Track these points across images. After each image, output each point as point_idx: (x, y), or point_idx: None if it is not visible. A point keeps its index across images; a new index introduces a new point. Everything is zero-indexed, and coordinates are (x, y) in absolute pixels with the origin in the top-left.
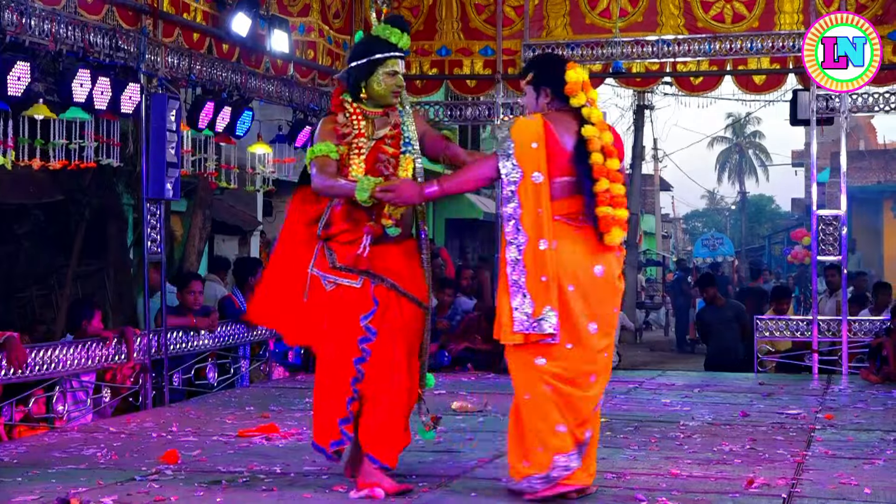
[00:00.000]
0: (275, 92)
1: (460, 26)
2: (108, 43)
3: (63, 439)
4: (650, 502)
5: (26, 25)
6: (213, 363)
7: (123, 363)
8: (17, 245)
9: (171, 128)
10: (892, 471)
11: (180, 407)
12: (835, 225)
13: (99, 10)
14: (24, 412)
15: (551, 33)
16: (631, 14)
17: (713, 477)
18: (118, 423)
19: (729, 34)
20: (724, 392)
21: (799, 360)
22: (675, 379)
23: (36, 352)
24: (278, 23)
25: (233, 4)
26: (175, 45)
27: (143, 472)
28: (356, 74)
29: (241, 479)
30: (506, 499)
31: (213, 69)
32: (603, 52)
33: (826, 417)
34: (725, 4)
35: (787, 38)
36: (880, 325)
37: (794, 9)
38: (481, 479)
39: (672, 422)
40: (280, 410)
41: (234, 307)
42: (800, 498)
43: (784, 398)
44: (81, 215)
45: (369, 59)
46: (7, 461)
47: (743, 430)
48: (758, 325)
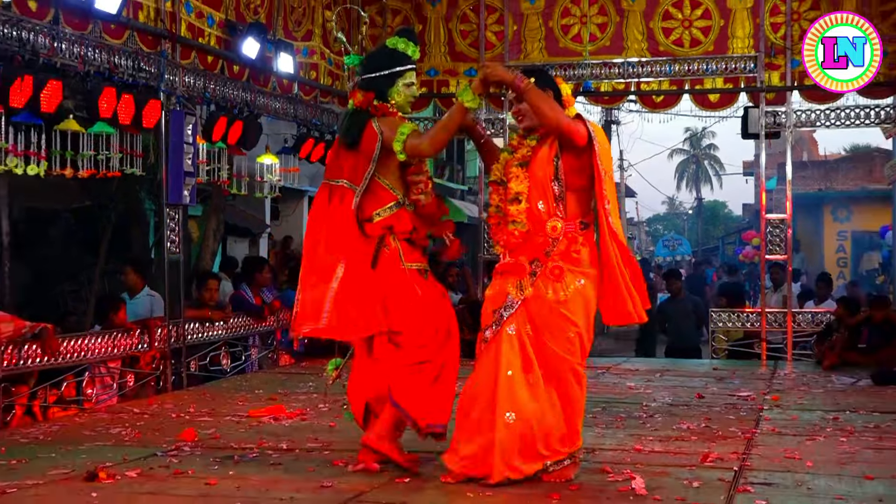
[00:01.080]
0: (281, 108)
1: (447, 50)
2: (131, 64)
3: (92, 419)
4: (617, 474)
5: (58, 49)
6: (226, 351)
7: (146, 351)
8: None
9: (188, 140)
10: (831, 446)
11: (197, 390)
12: (781, 227)
13: (122, 34)
14: (57, 395)
15: (528, 56)
16: (599, 39)
17: (672, 452)
18: (141, 404)
19: (687, 57)
20: (682, 376)
21: (749, 348)
22: (638, 365)
23: (67, 341)
24: (284, 46)
25: (243, 30)
26: (191, 66)
27: (163, 449)
28: (384, 84)
29: (252, 454)
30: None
31: (226, 88)
32: (574, 73)
33: (773, 399)
34: (684, 30)
35: (739, 61)
36: (822, 316)
37: (745, 34)
38: None
39: (636, 403)
40: (286, 393)
41: (245, 301)
42: (749, 470)
43: (736, 382)
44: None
45: (392, 70)
46: (42, 439)
47: (699, 410)
48: (713, 317)
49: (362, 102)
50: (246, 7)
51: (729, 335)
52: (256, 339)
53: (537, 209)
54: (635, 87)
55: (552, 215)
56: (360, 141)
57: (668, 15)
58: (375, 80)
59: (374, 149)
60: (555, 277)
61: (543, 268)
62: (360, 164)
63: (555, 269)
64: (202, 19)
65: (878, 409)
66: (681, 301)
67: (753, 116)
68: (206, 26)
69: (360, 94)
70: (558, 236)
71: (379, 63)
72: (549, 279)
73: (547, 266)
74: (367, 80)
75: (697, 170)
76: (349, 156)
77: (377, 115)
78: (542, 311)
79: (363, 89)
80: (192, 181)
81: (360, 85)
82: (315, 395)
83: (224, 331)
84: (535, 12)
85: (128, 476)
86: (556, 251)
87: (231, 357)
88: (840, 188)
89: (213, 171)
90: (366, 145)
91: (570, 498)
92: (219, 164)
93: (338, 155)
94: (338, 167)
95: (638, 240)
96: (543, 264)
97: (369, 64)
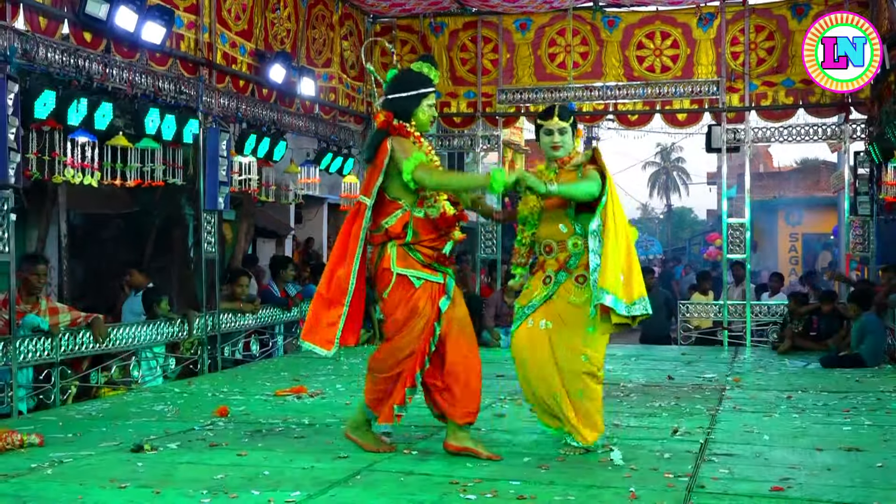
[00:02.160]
0: (304, 126)
1: (449, 75)
2: (173, 88)
3: (138, 398)
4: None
5: (109, 74)
6: (255, 338)
7: (185, 338)
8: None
9: (223, 154)
10: (785, 421)
11: (230, 373)
12: (741, 230)
13: (166, 62)
14: (107, 377)
15: (520, 81)
16: (582, 66)
17: (646, 427)
18: (181, 385)
19: (658, 81)
20: (654, 360)
21: (713, 336)
22: (616, 350)
23: (117, 329)
24: (307, 72)
25: (271, 58)
26: (226, 89)
27: (200, 423)
28: (408, 104)
29: (278, 428)
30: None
31: (256, 108)
32: (560, 96)
33: (734, 380)
34: (655, 58)
35: (704, 85)
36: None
37: (708, 61)
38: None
39: (614, 384)
40: (308, 375)
41: (272, 295)
42: (713, 442)
43: (701, 365)
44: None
45: (418, 91)
46: (94, 415)
47: (669, 390)
48: (681, 309)
49: (383, 123)
50: (273, 38)
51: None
52: (282, 328)
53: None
54: (613, 108)
55: (573, 232)
56: (375, 157)
57: (642, 45)
58: (400, 101)
59: (384, 162)
60: (579, 284)
61: (568, 276)
62: (374, 178)
63: (579, 277)
64: (235, 49)
65: (826, 389)
66: (653, 295)
67: (716, 133)
68: (238, 55)
69: (382, 115)
70: (580, 251)
71: (405, 85)
72: (571, 285)
73: (573, 274)
74: (391, 100)
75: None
76: (369, 171)
77: (393, 135)
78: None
79: (385, 109)
80: (226, 189)
81: (384, 105)
82: (333, 376)
83: (253, 320)
84: (525, 42)
85: (169, 448)
86: (580, 263)
87: (260, 343)
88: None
89: (245, 181)
90: (379, 160)
91: (557, 468)
92: (249, 174)
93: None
94: (364, 184)
95: None
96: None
97: (395, 86)
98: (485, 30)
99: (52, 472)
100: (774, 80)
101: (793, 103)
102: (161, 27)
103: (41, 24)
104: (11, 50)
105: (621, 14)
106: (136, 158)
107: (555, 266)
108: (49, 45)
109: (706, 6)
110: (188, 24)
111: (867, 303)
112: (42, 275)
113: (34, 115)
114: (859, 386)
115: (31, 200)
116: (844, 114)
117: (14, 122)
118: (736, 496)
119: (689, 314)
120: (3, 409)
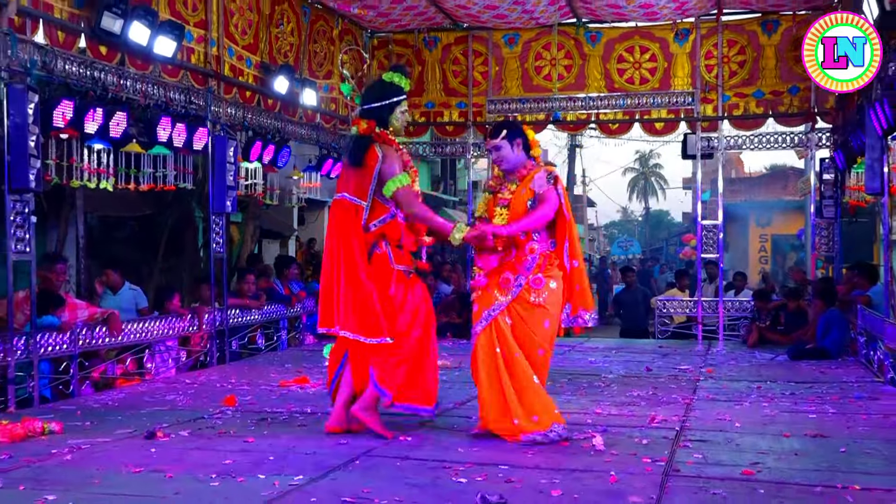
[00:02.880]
0: (306, 134)
1: (442, 86)
2: (184, 98)
3: (151, 388)
4: (580, 433)
5: (123, 85)
6: (261, 332)
7: (196, 332)
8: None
9: (230, 160)
10: (755, 410)
11: (237, 365)
12: (714, 232)
13: (177, 74)
14: (122, 369)
15: (508, 92)
16: (566, 78)
17: (626, 415)
18: (192, 376)
19: (637, 93)
20: (633, 353)
21: (688, 330)
22: (598, 344)
23: (131, 324)
24: (308, 84)
25: (275, 70)
26: (233, 100)
27: (210, 412)
28: (383, 112)
29: (282, 417)
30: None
31: (261, 118)
32: (545, 106)
33: (707, 371)
34: (635, 71)
35: (680, 96)
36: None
37: (684, 74)
38: (457, 416)
39: (596, 374)
40: (310, 367)
41: (277, 292)
42: (688, 430)
43: (677, 357)
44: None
45: (391, 100)
46: (110, 404)
47: (647, 380)
48: (658, 305)
49: (366, 130)
50: (277, 51)
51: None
52: (286, 323)
53: (518, 238)
54: (595, 117)
55: (530, 240)
56: (363, 161)
57: (622, 58)
58: (377, 110)
59: (375, 168)
60: (536, 285)
61: (527, 280)
62: (365, 181)
63: (536, 279)
64: (242, 61)
65: (792, 379)
66: (633, 291)
67: (691, 141)
68: (245, 67)
69: (364, 123)
70: (535, 255)
71: (378, 95)
72: (531, 287)
73: (529, 278)
74: (368, 109)
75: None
76: (353, 174)
77: (378, 141)
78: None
79: (365, 118)
80: (234, 193)
81: (362, 114)
82: None
83: (259, 316)
84: (513, 56)
85: (180, 435)
86: (535, 266)
87: (265, 337)
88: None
89: (251, 186)
90: (370, 165)
91: (544, 453)
92: (255, 179)
93: (345, 174)
94: (343, 183)
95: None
96: (526, 277)
97: (370, 96)
98: (475, 44)
99: (71, 457)
100: (746, 91)
101: (763, 113)
102: (172, 41)
103: (59, 38)
104: (32, 62)
105: (603, 29)
106: (148, 164)
107: (514, 269)
108: (67, 58)
109: (682, 22)
110: (198, 38)
111: (831, 299)
112: (61, 273)
113: (53, 123)
114: (824, 377)
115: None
116: (811, 123)
117: (34, 131)
118: (709, 480)
119: (665, 309)
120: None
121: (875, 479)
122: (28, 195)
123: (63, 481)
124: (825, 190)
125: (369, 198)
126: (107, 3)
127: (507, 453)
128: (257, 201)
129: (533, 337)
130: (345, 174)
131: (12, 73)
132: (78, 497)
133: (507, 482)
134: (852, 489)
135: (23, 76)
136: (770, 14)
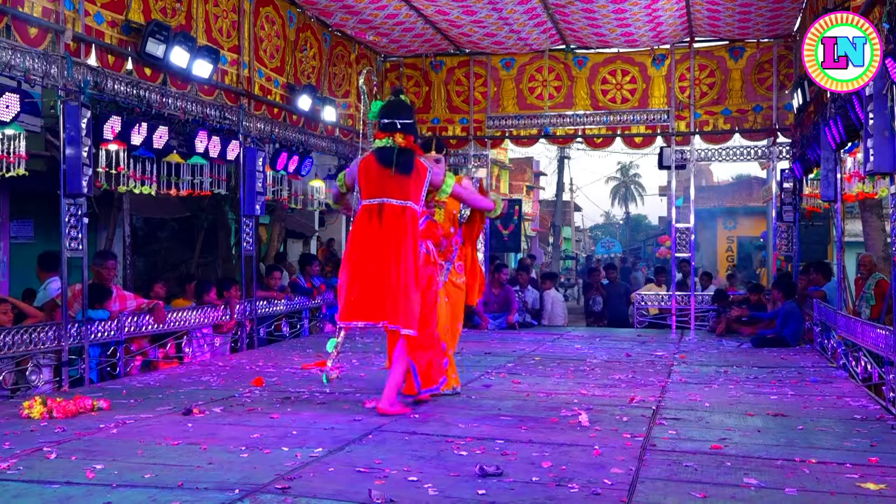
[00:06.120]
0: (327, 147)
1: (446, 104)
2: (218, 114)
3: (188, 370)
4: (568, 411)
5: (165, 103)
6: (286, 321)
7: (228, 321)
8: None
9: (259, 169)
10: (722, 392)
11: (264, 350)
12: (686, 234)
13: (212, 93)
14: (163, 353)
15: (504, 109)
16: (556, 97)
17: (608, 395)
18: (224, 360)
19: (619, 110)
20: (615, 340)
21: (663, 320)
22: (583, 332)
23: (172, 313)
24: (329, 102)
25: (299, 90)
26: (262, 115)
27: (240, 392)
28: (415, 128)
29: (304, 396)
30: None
31: (287, 131)
32: (538, 122)
33: (681, 357)
34: (617, 91)
35: (657, 114)
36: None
37: (661, 94)
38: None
39: (581, 359)
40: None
41: (300, 286)
42: (664, 409)
43: (653, 345)
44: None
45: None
46: (152, 384)
47: (627, 365)
48: (636, 298)
49: (412, 144)
50: (301, 73)
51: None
52: (308, 313)
53: (449, 231)
54: (581, 132)
55: (455, 234)
56: (412, 170)
57: (606, 80)
58: (411, 126)
59: (425, 179)
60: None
61: (452, 265)
62: (412, 188)
63: (458, 266)
64: (270, 82)
65: (756, 364)
66: (616, 286)
67: (666, 153)
68: (272, 87)
69: (401, 137)
70: (458, 247)
71: (409, 113)
72: (456, 272)
73: (455, 263)
74: (405, 125)
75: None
76: (396, 180)
77: (420, 155)
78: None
79: (403, 132)
80: (262, 198)
81: (407, 129)
82: (350, 353)
83: (284, 307)
84: (509, 78)
85: (214, 412)
86: (457, 255)
87: (289, 326)
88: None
89: (277, 192)
90: (420, 174)
91: (535, 429)
92: (281, 186)
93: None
94: (378, 189)
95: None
96: (452, 263)
97: (403, 114)
98: (476, 67)
99: (117, 431)
100: (715, 109)
101: (730, 129)
102: (209, 64)
103: (109, 61)
104: (85, 82)
105: (589, 55)
106: (187, 172)
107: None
108: (116, 79)
109: (659, 48)
110: (231, 61)
111: (791, 293)
112: (111, 268)
113: (103, 136)
114: (784, 362)
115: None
116: (773, 138)
117: (87, 142)
118: (682, 453)
119: (643, 303)
120: (77, 379)
121: (829, 454)
122: (81, 199)
123: (110, 452)
124: (785, 197)
125: (421, 201)
126: (151, 31)
127: (503, 428)
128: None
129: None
130: (379, 181)
131: (68, 92)
132: (123, 466)
133: (502, 455)
134: (809, 462)
135: (77, 94)
136: (737, 41)
